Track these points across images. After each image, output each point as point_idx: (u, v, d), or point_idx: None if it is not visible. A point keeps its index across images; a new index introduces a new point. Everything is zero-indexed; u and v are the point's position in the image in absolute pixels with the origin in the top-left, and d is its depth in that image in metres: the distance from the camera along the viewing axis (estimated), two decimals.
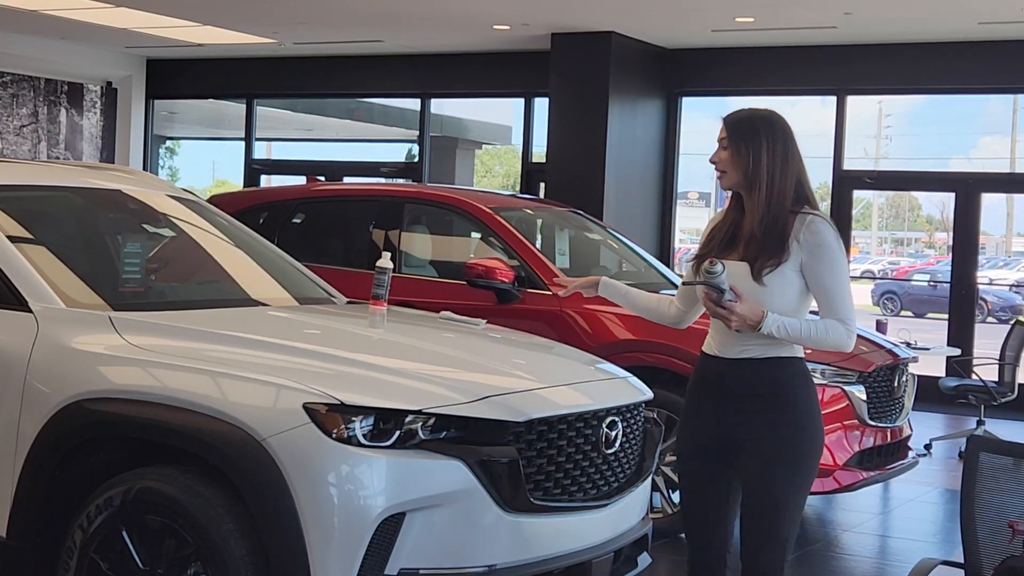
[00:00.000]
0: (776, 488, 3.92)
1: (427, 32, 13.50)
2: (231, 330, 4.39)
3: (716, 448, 4.02)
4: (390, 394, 3.91)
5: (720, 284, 3.83)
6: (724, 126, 4.01)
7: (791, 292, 3.92)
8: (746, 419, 3.94)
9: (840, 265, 3.94)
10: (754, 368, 3.95)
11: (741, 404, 3.95)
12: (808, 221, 3.91)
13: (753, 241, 3.92)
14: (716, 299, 3.86)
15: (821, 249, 3.89)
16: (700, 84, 14.01)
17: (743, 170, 3.95)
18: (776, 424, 3.91)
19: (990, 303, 21.02)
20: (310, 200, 8.66)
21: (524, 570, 3.99)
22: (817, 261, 3.90)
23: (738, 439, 3.96)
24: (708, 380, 4.07)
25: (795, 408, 3.94)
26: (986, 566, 3.87)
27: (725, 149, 3.99)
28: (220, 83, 16.58)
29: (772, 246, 3.89)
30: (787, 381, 3.95)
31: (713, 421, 4.01)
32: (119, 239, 5.34)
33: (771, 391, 3.94)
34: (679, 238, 15.10)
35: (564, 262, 8.11)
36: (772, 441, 3.91)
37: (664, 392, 6.44)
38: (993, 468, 3.93)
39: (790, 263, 3.89)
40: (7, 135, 15.52)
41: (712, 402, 4.03)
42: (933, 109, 15.77)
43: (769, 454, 3.91)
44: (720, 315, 3.88)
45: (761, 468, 3.92)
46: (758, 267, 3.89)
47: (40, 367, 4.18)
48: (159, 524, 3.89)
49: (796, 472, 3.94)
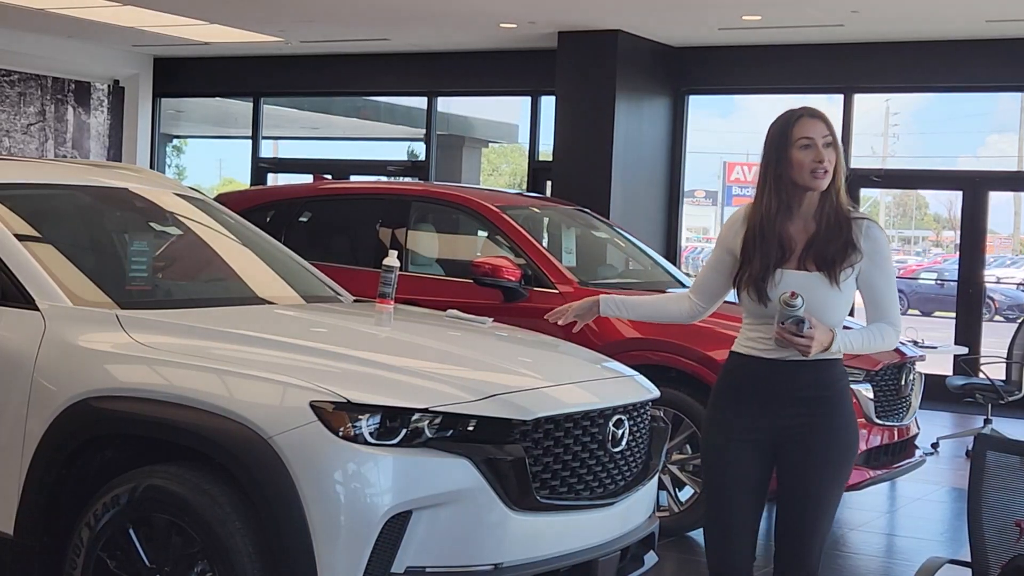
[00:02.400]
0: (820, 488, 3.92)
1: (434, 30, 13.50)
2: (238, 328, 4.39)
3: (754, 448, 3.95)
4: (397, 392, 3.91)
5: (801, 316, 3.74)
6: (824, 124, 3.87)
7: (851, 295, 3.92)
8: (791, 421, 3.90)
9: (892, 271, 3.97)
10: (800, 371, 3.88)
11: (786, 405, 3.90)
12: (866, 227, 3.89)
13: (822, 246, 3.86)
14: (797, 331, 3.75)
15: (879, 256, 3.90)
16: (707, 82, 14.01)
17: (836, 174, 3.87)
18: (820, 426, 3.89)
19: (997, 301, 21.00)
20: (317, 198, 8.67)
21: (530, 568, 3.99)
22: (875, 267, 3.89)
23: (779, 440, 3.92)
24: (748, 381, 3.96)
25: (839, 410, 3.93)
26: (993, 565, 3.87)
27: (830, 147, 3.86)
28: (227, 81, 16.60)
29: (846, 248, 3.85)
30: (832, 384, 3.93)
31: (757, 422, 3.93)
32: (126, 237, 5.34)
33: (816, 394, 3.90)
34: (686, 236, 15.11)
35: (571, 260, 8.10)
36: (817, 442, 3.89)
37: (671, 390, 6.45)
38: (1000, 467, 3.92)
39: (857, 266, 3.87)
40: (15, 133, 15.54)
41: (753, 403, 3.93)
42: (940, 107, 15.78)
43: (813, 455, 3.90)
44: (797, 344, 3.76)
45: (804, 468, 3.91)
46: (836, 271, 3.83)
47: (47, 365, 4.19)
48: (166, 522, 3.90)
49: (839, 472, 3.95)
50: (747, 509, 3.97)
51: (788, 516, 3.97)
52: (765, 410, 3.91)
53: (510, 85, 14.87)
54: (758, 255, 3.89)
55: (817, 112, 3.90)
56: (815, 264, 3.86)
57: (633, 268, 8.54)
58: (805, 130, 3.84)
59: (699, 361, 6.72)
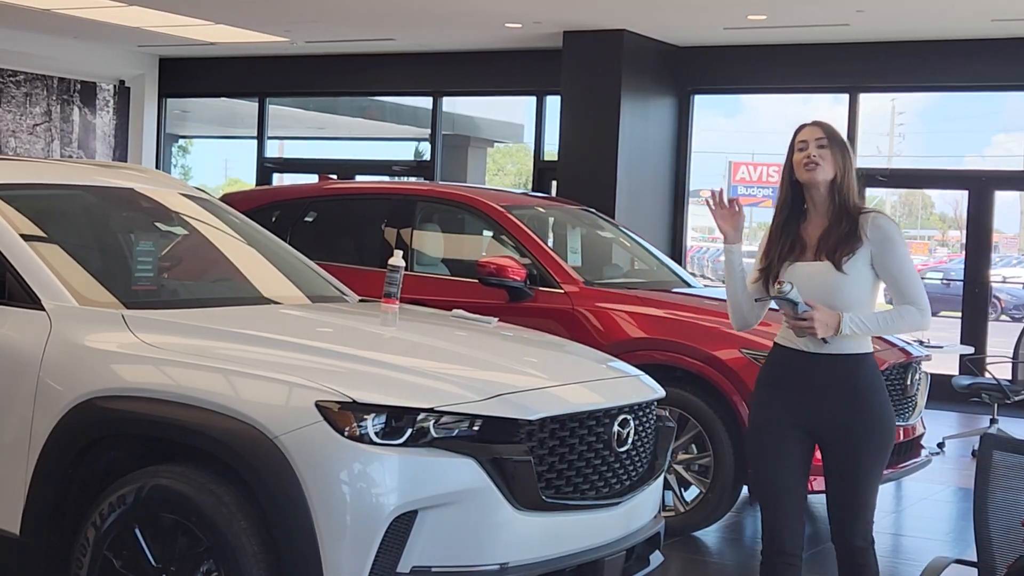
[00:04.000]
0: (863, 469, 4.31)
1: (439, 30, 13.50)
2: (243, 328, 4.39)
3: (793, 431, 4.34)
4: (402, 392, 3.91)
5: (793, 299, 4.16)
6: (820, 128, 4.37)
7: (866, 283, 4.30)
8: (827, 410, 4.29)
9: (905, 254, 4.33)
10: (833, 362, 4.28)
11: (822, 396, 4.29)
12: (872, 218, 4.32)
13: (828, 237, 4.30)
14: (793, 314, 4.20)
15: (887, 242, 4.29)
16: (712, 82, 14.00)
17: (837, 170, 4.33)
18: (856, 413, 4.27)
19: (1003, 301, 20.97)
20: (322, 198, 8.67)
21: (536, 568, 3.99)
22: (885, 253, 4.29)
23: (820, 425, 4.32)
24: (785, 370, 4.37)
25: (873, 398, 4.30)
26: (999, 564, 3.86)
27: (824, 147, 4.33)
28: (232, 82, 16.61)
29: (848, 237, 4.27)
30: (866, 374, 4.31)
31: (795, 411, 4.32)
32: (132, 237, 5.35)
33: (853, 383, 4.28)
34: (691, 236, 15.08)
35: (576, 260, 8.11)
36: (854, 429, 4.27)
37: (676, 390, 6.45)
38: (1006, 466, 3.92)
39: (862, 256, 4.27)
40: (20, 134, 15.56)
41: (793, 392, 4.33)
42: (946, 107, 15.75)
43: (852, 441, 4.28)
44: (803, 327, 4.21)
45: (845, 454, 4.30)
46: (838, 257, 4.26)
47: (53, 365, 4.19)
48: (172, 522, 3.90)
49: (879, 453, 4.33)
50: (790, 486, 4.37)
51: (835, 493, 4.38)
52: (802, 398, 4.32)
53: (515, 85, 14.87)
54: (774, 250, 4.40)
55: (819, 122, 4.42)
56: (824, 254, 4.30)
57: (638, 268, 8.54)
58: (802, 135, 4.39)
59: (704, 361, 6.72)
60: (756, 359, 6.52)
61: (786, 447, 4.34)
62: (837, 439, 4.31)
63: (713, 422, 6.67)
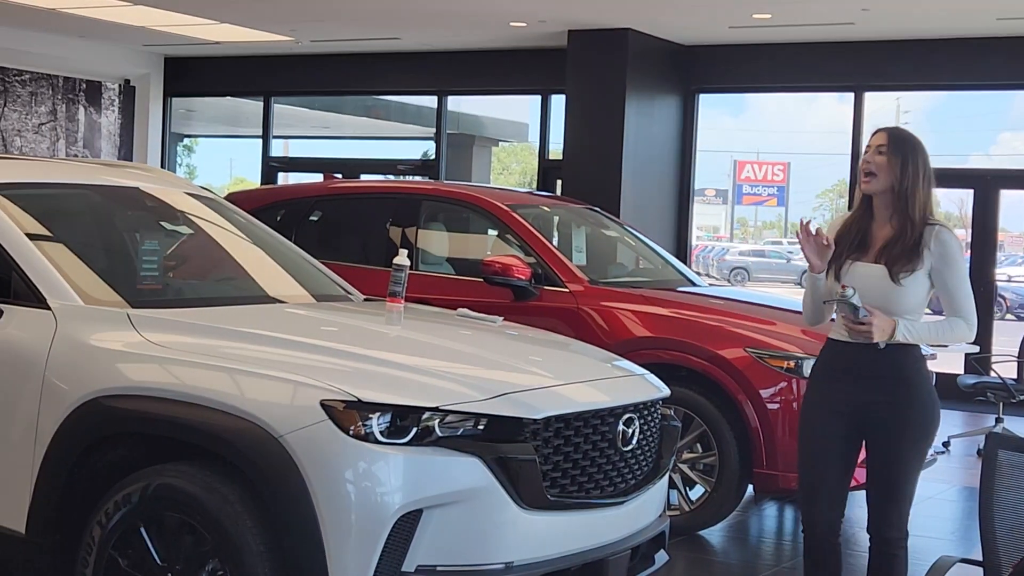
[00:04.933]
0: (905, 457, 4.48)
1: (444, 29, 13.51)
2: (249, 327, 4.39)
3: (846, 418, 4.51)
4: (407, 391, 3.91)
5: (855, 303, 4.33)
6: (885, 134, 4.49)
7: (921, 292, 4.47)
8: (878, 396, 4.45)
9: (963, 271, 4.51)
10: (882, 353, 4.43)
11: (873, 384, 4.45)
12: (936, 232, 4.45)
13: (891, 247, 4.45)
14: (853, 318, 4.36)
15: (948, 258, 4.45)
16: (717, 81, 13.99)
17: (893, 179, 4.45)
18: (901, 404, 4.45)
19: (1009, 300, 20.95)
20: (327, 197, 8.68)
21: (541, 567, 3.99)
22: (944, 267, 4.46)
23: (867, 414, 4.48)
24: (840, 362, 4.54)
25: (917, 390, 4.48)
26: (1005, 564, 3.86)
27: (882, 155, 4.47)
28: (237, 81, 16.62)
29: (910, 253, 4.43)
30: (911, 365, 4.48)
31: (847, 396, 4.49)
32: (137, 236, 5.36)
33: (899, 374, 4.46)
34: (696, 235, 15.10)
35: (581, 259, 8.11)
36: (898, 418, 4.45)
37: (682, 389, 6.44)
38: (1012, 466, 3.92)
39: (922, 269, 4.44)
40: (26, 133, 15.58)
41: (845, 380, 4.50)
42: (952, 106, 15.75)
43: (895, 429, 4.46)
44: (860, 331, 4.38)
45: (888, 441, 4.47)
46: (896, 271, 4.41)
47: (59, 364, 4.20)
48: (177, 521, 3.91)
49: (922, 441, 4.52)
50: (834, 473, 4.57)
51: (876, 481, 4.55)
52: (853, 386, 4.48)
53: (520, 84, 14.87)
54: (843, 245, 4.54)
55: (890, 128, 4.55)
56: (884, 260, 4.46)
57: (643, 267, 8.54)
58: (871, 140, 4.53)
59: (710, 360, 6.71)
60: (761, 358, 6.52)
61: (833, 440, 4.53)
62: (883, 425, 4.46)
63: (718, 421, 6.67)
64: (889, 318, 4.37)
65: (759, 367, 6.57)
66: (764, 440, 6.53)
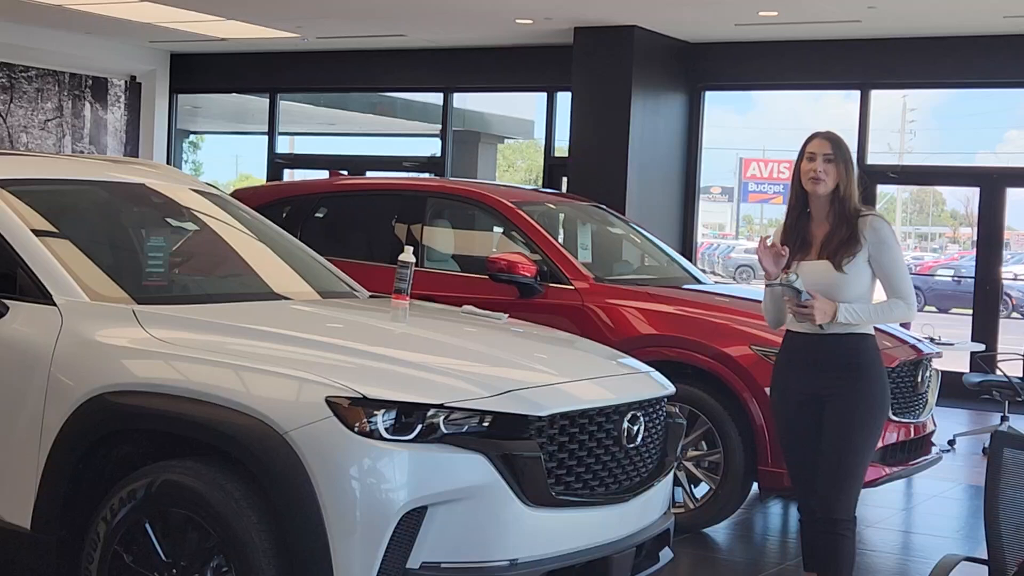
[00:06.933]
0: (854, 440, 4.77)
1: (450, 26, 13.51)
2: (254, 324, 4.40)
3: (809, 405, 4.83)
4: (412, 388, 3.91)
5: (798, 287, 4.69)
6: (829, 143, 4.84)
7: (865, 280, 4.82)
8: (830, 382, 4.78)
9: (897, 254, 4.87)
10: (837, 341, 4.79)
11: (826, 370, 4.79)
12: (870, 220, 4.83)
13: (832, 240, 4.81)
14: (796, 301, 4.71)
15: (882, 244, 4.82)
16: (723, 79, 13.98)
17: (840, 181, 4.83)
18: (852, 387, 4.77)
19: (1015, 298, 20.91)
20: (333, 194, 8.68)
21: (546, 564, 3.99)
22: (880, 253, 4.81)
23: (823, 398, 4.79)
24: (799, 351, 4.89)
25: (868, 375, 4.81)
26: (1010, 562, 3.86)
27: (831, 162, 4.82)
28: (243, 77, 16.63)
29: (849, 241, 4.78)
30: (865, 353, 4.83)
31: (805, 383, 4.84)
32: (143, 233, 5.36)
33: (849, 360, 4.79)
34: (701, 233, 15.08)
35: (586, 256, 8.10)
36: (849, 400, 4.77)
37: (686, 387, 6.44)
38: (1017, 464, 3.92)
39: (861, 255, 4.79)
40: (32, 129, 15.60)
41: (803, 368, 4.86)
42: (958, 103, 15.73)
43: (846, 411, 4.76)
44: (803, 313, 4.72)
45: (839, 422, 4.77)
46: (838, 259, 4.77)
47: (64, 360, 4.20)
48: (182, 517, 3.91)
49: (871, 424, 4.84)
50: (809, 453, 4.85)
51: (826, 462, 4.81)
52: (812, 372, 4.82)
53: (526, 81, 14.86)
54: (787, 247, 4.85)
55: (829, 134, 4.87)
56: (826, 254, 4.81)
57: (649, 264, 8.53)
58: (812, 147, 4.86)
59: (715, 357, 6.71)
60: (766, 355, 6.51)
61: (803, 421, 4.85)
62: (835, 410, 4.77)
63: (723, 419, 6.67)
64: (830, 301, 4.71)
65: (765, 365, 6.56)
66: (769, 438, 6.52)
